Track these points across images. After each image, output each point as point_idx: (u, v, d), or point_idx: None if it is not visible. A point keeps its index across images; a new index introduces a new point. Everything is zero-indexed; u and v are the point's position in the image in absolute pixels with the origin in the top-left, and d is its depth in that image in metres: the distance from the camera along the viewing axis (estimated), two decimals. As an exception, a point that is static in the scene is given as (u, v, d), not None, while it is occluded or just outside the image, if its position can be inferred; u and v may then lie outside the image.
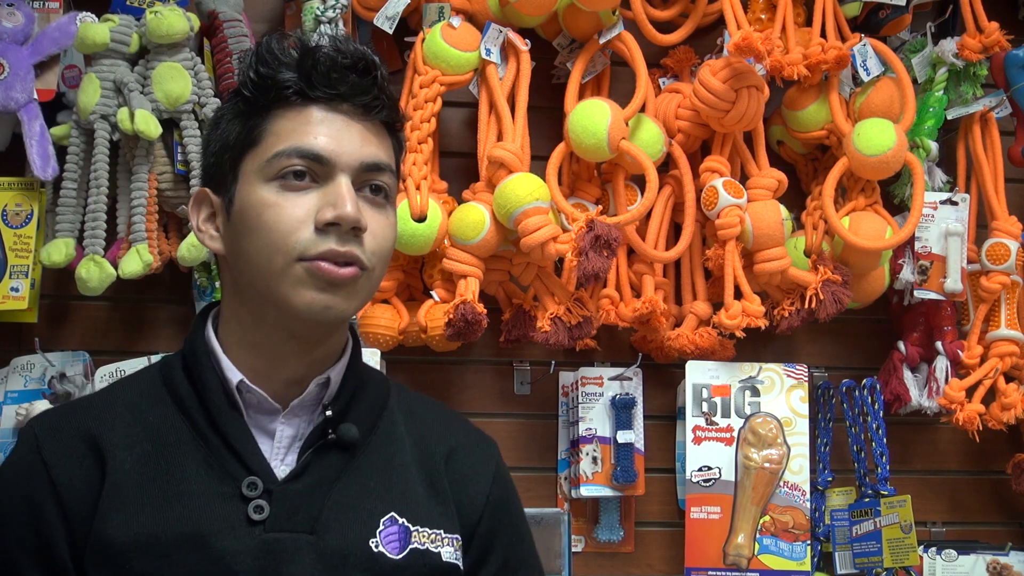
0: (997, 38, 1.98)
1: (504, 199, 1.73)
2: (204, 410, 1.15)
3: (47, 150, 1.72)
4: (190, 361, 1.18)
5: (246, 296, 1.17)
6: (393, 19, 1.84)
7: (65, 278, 1.79)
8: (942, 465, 2.10)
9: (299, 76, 1.14)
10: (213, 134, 1.20)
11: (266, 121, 1.15)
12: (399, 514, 1.18)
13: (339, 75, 1.15)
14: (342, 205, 1.12)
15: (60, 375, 1.75)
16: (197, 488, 1.11)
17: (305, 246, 1.11)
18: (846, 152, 1.90)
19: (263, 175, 1.14)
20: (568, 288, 1.84)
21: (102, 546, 1.09)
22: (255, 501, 1.11)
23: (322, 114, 1.15)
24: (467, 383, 1.97)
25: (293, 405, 1.17)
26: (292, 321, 1.14)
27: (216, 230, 1.19)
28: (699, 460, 1.87)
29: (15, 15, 1.75)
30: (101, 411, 1.17)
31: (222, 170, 1.18)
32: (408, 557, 1.16)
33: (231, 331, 1.19)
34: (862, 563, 1.92)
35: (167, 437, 1.14)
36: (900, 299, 2.04)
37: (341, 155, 1.14)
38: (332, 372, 1.20)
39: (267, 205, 1.12)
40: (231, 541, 1.09)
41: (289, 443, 1.17)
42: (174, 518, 1.09)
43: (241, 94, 1.17)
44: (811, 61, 1.90)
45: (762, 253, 1.87)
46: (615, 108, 1.80)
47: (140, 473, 1.11)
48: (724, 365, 1.91)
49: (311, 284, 1.11)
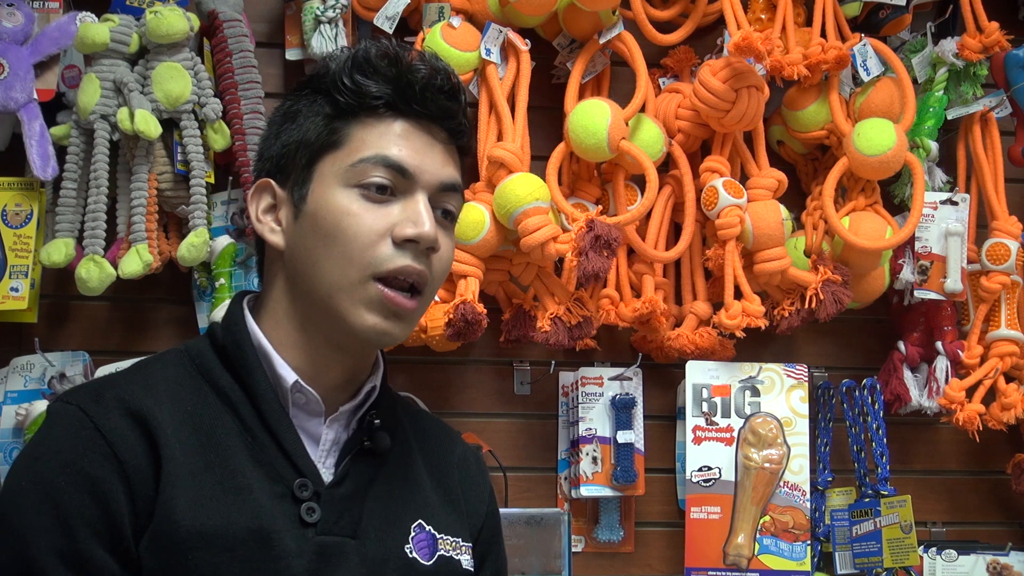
0: (997, 38, 1.98)
1: (504, 199, 1.73)
2: (253, 407, 1.13)
3: (47, 150, 1.72)
4: (234, 355, 1.15)
5: (301, 297, 1.16)
6: (393, 19, 1.84)
7: (65, 278, 1.79)
8: (942, 465, 2.10)
9: (393, 90, 1.15)
10: (286, 126, 1.19)
11: (351, 126, 1.15)
12: (425, 521, 1.20)
13: (431, 95, 1.16)
14: (422, 223, 1.12)
15: (60, 375, 1.75)
16: (251, 484, 1.09)
17: (382, 260, 1.11)
18: (846, 152, 1.90)
19: (343, 179, 1.13)
20: (568, 288, 1.84)
21: (164, 532, 1.04)
22: (307, 503, 1.11)
23: (408, 129, 1.16)
24: (467, 383, 1.97)
25: (342, 410, 1.18)
26: (344, 336, 1.14)
27: (277, 223, 1.18)
28: (699, 460, 1.87)
29: (15, 15, 1.75)
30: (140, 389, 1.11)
31: (294, 165, 1.17)
32: (437, 564, 1.18)
33: (280, 329, 1.17)
34: (862, 563, 1.92)
35: (214, 430, 1.11)
36: (900, 299, 2.04)
37: (424, 172, 1.15)
38: (375, 380, 1.21)
39: (347, 213, 1.12)
40: (290, 541, 1.08)
41: (329, 447, 1.17)
42: (237, 512, 1.07)
43: (328, 95, 1.16)
44: (811, 61, 1.90)
45: (762, 253, 1.87)
46: (615, 108, 1.80)
47: (192, 461, 1.08)
48: (724, 365, 1.91)
49: (378, 310, 1.12)
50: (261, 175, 1.21)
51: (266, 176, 1.20)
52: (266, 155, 1.21)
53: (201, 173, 1.75)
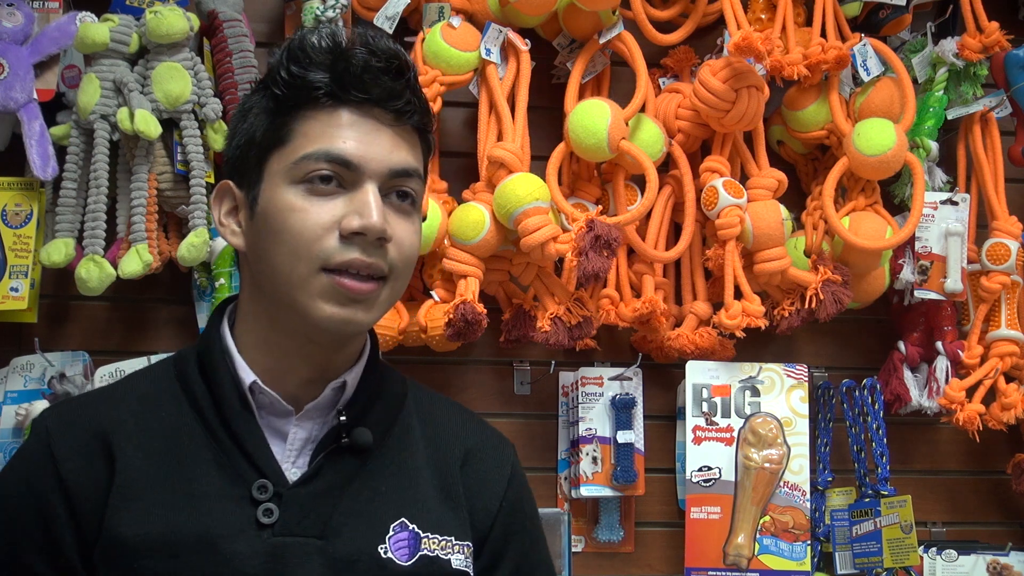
0: (997, 38, 1.98)
1: (504, 199, 1.73)
2: (217, 409, 1.14)
3: (47, 150, 1.72)
4: (204, 359, 1.17)
5: (265, 296, 1.15)
6: (393, 19, 1.84)
7: (65, 278, 1.79)
8: (942, 465, 2.10)
9: (331, 78, 1.12)
10: (240, 126, 1.18)
11: (294, 121, 1.13)
12: (410, 520, 1.17)
13: (372, 78, 1.12)
14: (368, 215, 1.10)
15: (60, 375, 1.75)
16: (208, 489, 1.10)
17: (329, 254, 1.09)
18: (846, 152, 1.90)
19: (289, 177, 1.12)
20: (568, 288, 1.84)
21: (112, 543, 1.08)
22: (265, 504, 1.10)
23: (352, 117, 1.12)
24: (467, 383, 1.97)
25: (307, 408, 1.16)
26: (310, 329, 1.13)
27: (238, 225, 1.17)
28: (699, 460, 1.87)
29: (15, 15, 1.75)
30: (113, 406, 1.16)
31: (247, 165, 1.16)
32: (417, 564, 1.15)
33: (247, 329, 1.18)
34: (862, 563, 1.92)
35: (179, 435, 1.13)
36: (900, 299, 2.04)
37: (370, 161, 1.12)
38: (349, 376, 1.19)
39: (292, 209, 1.10)
40: (240, 544, 1.08)
41: (301, 446, 1.16)
42: (184, 518, 1.08)
43: (270, 89, 1.15)
44: (811, 61, 1.90)
45: (762, 253, 1.87)
46: (615, 108, 1.80)
47: (150, 471, 1.10)
48: (724, 365, 1.91)
49: (332, 298, 1.10)
50: (223, 177, 1.20)
51: (227, 178, 1.19)
52: (226, 156, 1.21)
53: (201, 173, 1.75)
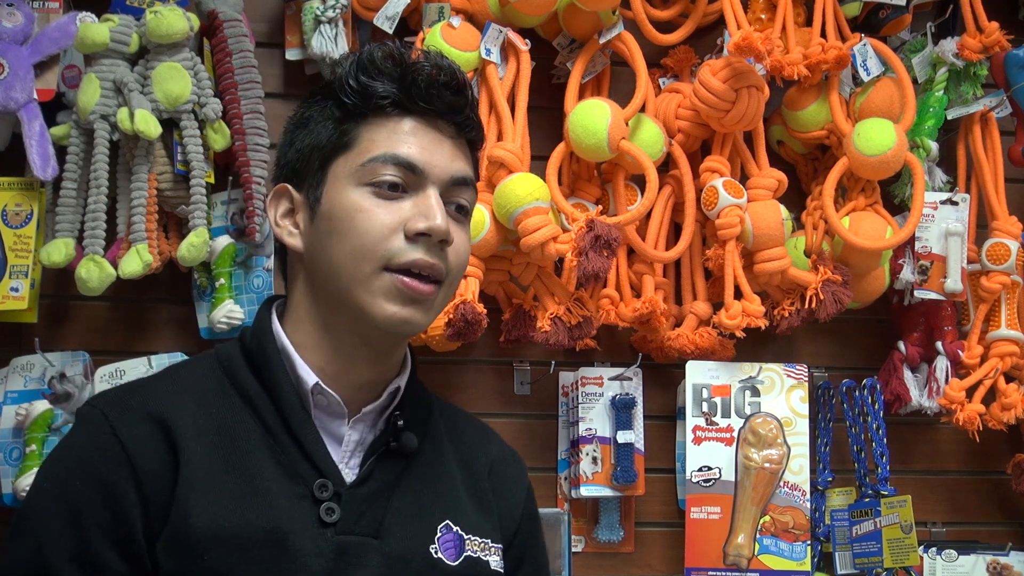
0: (997, 38, 1.98)
1: (504, 199, 1.73)
2: (276, 410, 1.15)
3: (47, 150, 1.72)
4: (258, 358, 1.18)
5: (322, 297, 1.18)
6: (393, 19, 1.84)
7: (65, 278, 1.79)
8: (942, 465, 2.10)
9: (399, 89, 1.18)
10: (299, 132, 1.22)
11: (360, 128, 1.18)
12: (453, 522, 1.21)
13: (436, 92, 1.19)
14: (433, 216, 1.15)
15: (60, 375, 1.75)
16: (270, 485, 1.12)
17: (394, 253, 1.13)
18: (846, 152, 1.90)
19: (355, 179, 1.16)
20: (568, 288, 1.84)
21: (180, 535, 1.08)
22: (326, 503, 1.12)
23: (416, 126, 1.18)
24: (467, 383, 1.97)
25: (365, 411, 1.19)
26: (367, 329, 1.16)
27: (295, 226, 1.21)
28: (699, 460, 1.87)
29: (15, 15, 1.75)
30: (166, 395, 1.16)
31: (309, 168, 1.20)
32: (463, 564, 1.19)
33: (302, 330, 1.20)
34: (862, 563, 1.92)
35: (236, 432, 1.14)
36: (900, 299, 2.04)
37: (433, 167, 1.17)
38: (401, 381, 1.22)
39: (359, 210, 1.14)
40: (307, 541, 1.10)
41: (353, 448, 1.19)
42: (253, 513, 1.09)
43: (337, 98, 1.20)
44: (811, 61, 1.90)
45: (762, 253, 1.87)
46: (615, 108, 1.80)
47: (212, 464, 1.11)
48: (724, 365, 1.91)
49: (395, 297, 1.14)
50: (279, 181, 1.24)
51: (283, 182, 1.23)
52: (282, 161, 1.25)
53: (201, 173, 1.75)
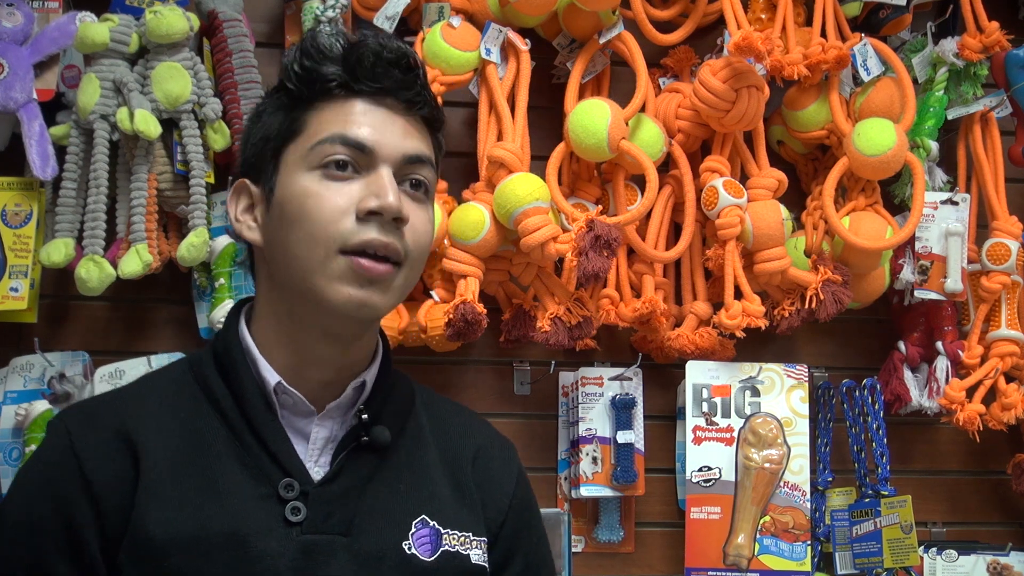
0: (997, 38, 1.98)
1: (504, 199, 1.73)
2: (240, 410, 1.15)
3: (47, 150, 1.72)
4: (224, 359, 1.18)
5: (282, 290, 1.17)
6: (393, 19, 1.84)
7: (65, 278, 1.79)
8: (942, 465, 2.10)
9: (343, 69, 1.16)
10: (254, 127, 1.21)
11: (309, 113, 1.17)
12: (429, 516, 1.19)
13: (383, 70, 1.16)
14: (384, 195, 1.12)
15: (59, 375, 1.75)
16: (233, 487, 1.11)
17: (347, 235, 1.11)
18: (846, 152, 1.90)
19: (305, 164, 1.14)
20: (568, 288, 1.84)
21: (140, 542, 1.08)
22: (292, 503, 1.11)
23: (365, 106, 1.16)
24: (467, 383, 1.97)
25: (330, 407, 1.18)
26: (327, 317, 1.14)
27: (254, 221, 1.20)
28: (699, 460, 1.87)
29: (15, 15, 1.75)
30: (134, 404, 1.16)
31: (263, 160, 1.18)
32: (440, 559, 1.17)
33: (266, 328, 1.19)
34: (862, 563, 1.92)
35: (202, 435, 1.14)
36: (900, 299, 2.04)
37: (384, 145, 1.15)
38: (367, 375, 1.21)
39: (309, 194, 1.13)
40: (270, 542, 1.09)
41: (323, 445, 1.18)
42: (214, 517, 1.09)
43: (284, 87, 1.19)
44: (811, 61, 1.90)
45: (762, 253, 1.87)
46: (615, 108, 1.80)
47: (175, 469, 1.11)
48: (724, 365, 1.91)
49: (350, 280, 1.12)
50: (237, 178, 1.23)
51: (242, 177, 1.22)
52: (241, 157, 1.24)
53: (201, 173, 1.75)
